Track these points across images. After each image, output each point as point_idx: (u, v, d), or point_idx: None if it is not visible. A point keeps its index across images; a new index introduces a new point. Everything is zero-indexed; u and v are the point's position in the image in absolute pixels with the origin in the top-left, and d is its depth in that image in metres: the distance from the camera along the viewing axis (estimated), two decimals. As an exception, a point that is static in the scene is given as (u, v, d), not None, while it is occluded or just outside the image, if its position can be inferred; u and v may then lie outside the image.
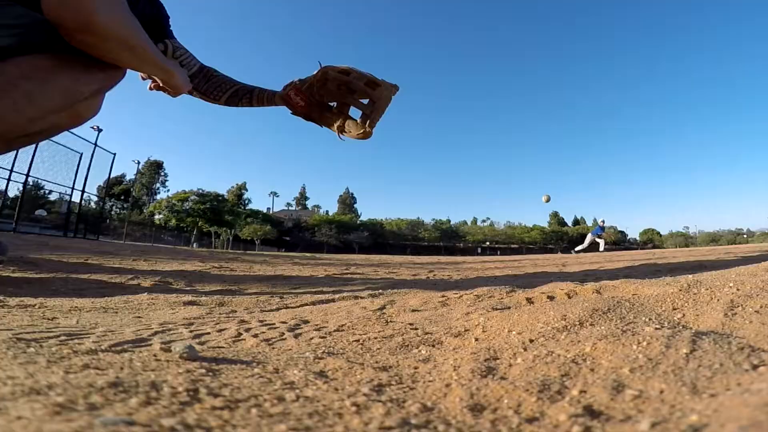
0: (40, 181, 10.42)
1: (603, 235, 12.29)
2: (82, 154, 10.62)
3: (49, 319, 0.75)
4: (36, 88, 0.89)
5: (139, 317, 0.83)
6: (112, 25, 0.86)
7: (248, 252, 10.65)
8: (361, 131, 1.30)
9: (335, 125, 1.39)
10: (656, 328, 0.49)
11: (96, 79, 0.99)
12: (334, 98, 1.38)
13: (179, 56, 1.34)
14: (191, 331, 0.66)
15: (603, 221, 13.02)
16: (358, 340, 0.60)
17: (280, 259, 4.59)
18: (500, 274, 2.48)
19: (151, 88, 1.27)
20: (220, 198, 36.00)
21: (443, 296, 1.06)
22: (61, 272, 1.70)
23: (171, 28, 1.35)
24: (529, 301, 0.90)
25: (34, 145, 8.01)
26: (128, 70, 1.11)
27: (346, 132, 1.38)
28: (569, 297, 0.89)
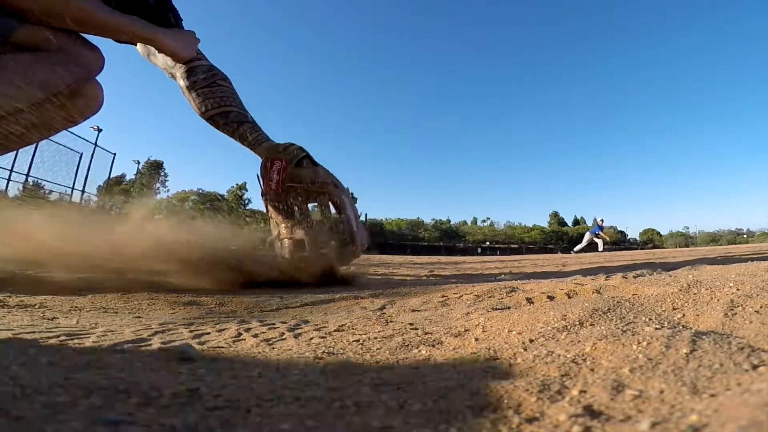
0: (40, 180, 10.42)
1: (601, 234, 12.24)
2: (82, 154, 10.62)
3: (49, 319, 0.75)
4: (17, 78, 0.92)
5: (139, 317, 0.83)
6: (46, 4, 0.90)
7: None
8: (291, 263, 1.22)
9: (281, 230, 1.30)
10: (656, 328, 0.49)
11: (71, 73, 1.02)
12: (304, 218, 1.28)
13: None
14: (191, 331, 0.66)
15: (602, 220, 12.95)
16: (358, 340, 0.60)
17: (280, 259, 4.58)
18: (499, 273, 2.48)
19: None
20: (220, 198, 35.99)
21: (443, 296, 1.06)
22: (61, 272, 1.70)
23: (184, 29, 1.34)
24: (529, 301, 0.90)
25: (34, 145, 8.02)
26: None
27: (284, 245, 1.29)
28: (569, 297, 0.89)
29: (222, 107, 1.30)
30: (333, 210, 1.34)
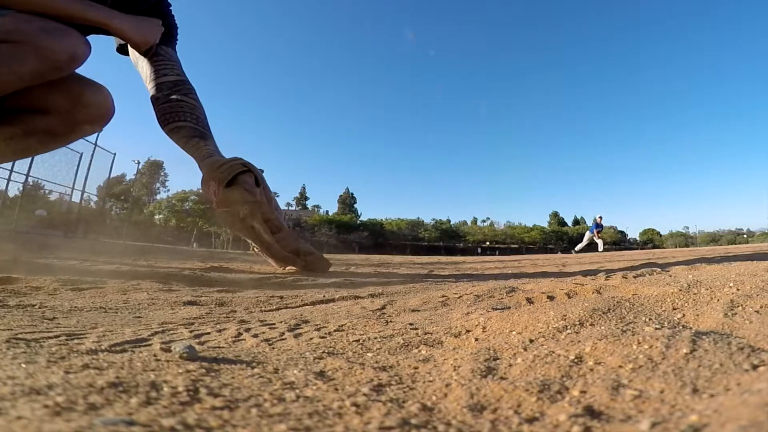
0: (40, 180, 10.42)
1: (596, 234, 12.15)
2: (82, 154, 10.63)
3: (49, 319, 0.75)
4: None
5: (139, 317, 0.83)
6: None
7: (248, 252, 10.61)
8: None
9: (251, 243, 1.47)
10: (656, 328, 0.49)
11: (24, 65, 1.03)
12: (254, 236, 1.47)
13: (157, 61, 1.35)
14: (191, 331, 0.66)
15: (600, 217, 12.78)
16: (358, 340, 0.60)
17: (280, 259, 4.57)
18: (499, 273, 2.48)
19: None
20: (220, 198, 35.82)
21: (443, 296, 1.06)
22: (61, 272, 1.70)
23: (175, 43, 1.36)
24: (529, 301, 0.90)
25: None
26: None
27: (264, 255, 1.40)
28: (569, 297, 0.89)
29: (177, 122, 1.35)
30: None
